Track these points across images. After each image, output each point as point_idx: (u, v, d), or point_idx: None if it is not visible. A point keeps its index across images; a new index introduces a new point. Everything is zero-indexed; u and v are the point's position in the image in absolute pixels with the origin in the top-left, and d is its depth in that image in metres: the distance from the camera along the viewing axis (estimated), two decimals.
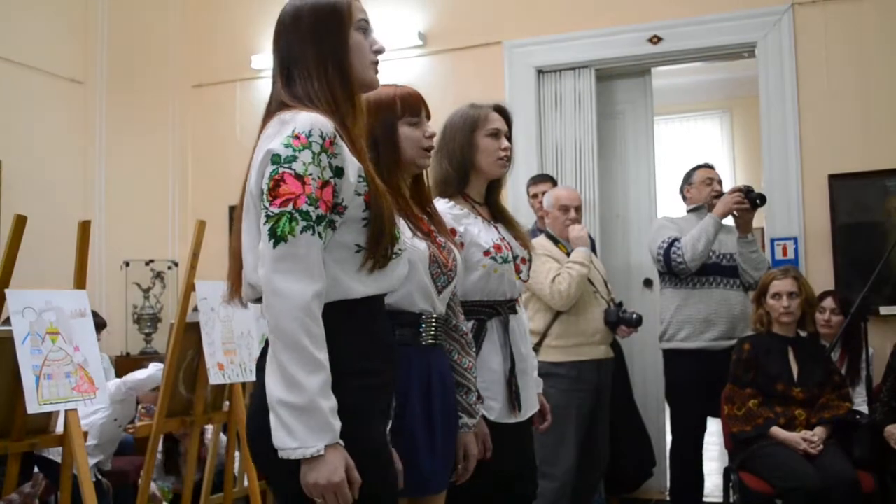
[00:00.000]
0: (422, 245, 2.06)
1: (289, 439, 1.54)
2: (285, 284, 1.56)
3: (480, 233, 2.50)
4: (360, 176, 1.68)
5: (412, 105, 2.15)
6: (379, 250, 1.70)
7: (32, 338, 2.73)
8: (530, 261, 2.65)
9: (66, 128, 5.57)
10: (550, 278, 3.67)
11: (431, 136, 2.18)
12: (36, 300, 2.78)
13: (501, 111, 2.64)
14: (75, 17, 5.64)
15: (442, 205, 2.50)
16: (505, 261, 2.50)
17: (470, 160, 2.55)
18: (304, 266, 1.58)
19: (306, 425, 1.53)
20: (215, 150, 5.95)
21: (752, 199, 4.13)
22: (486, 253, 2.47)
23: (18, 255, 2.70)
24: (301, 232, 1.58)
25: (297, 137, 1.62)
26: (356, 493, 1.59)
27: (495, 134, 2.57)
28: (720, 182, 4.39)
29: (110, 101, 5.77)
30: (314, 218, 1.59)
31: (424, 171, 2.24)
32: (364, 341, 1.71)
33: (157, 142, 6.06)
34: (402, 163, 2.13)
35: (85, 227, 2.97)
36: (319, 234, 1.61)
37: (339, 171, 1.65)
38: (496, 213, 2.64)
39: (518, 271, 2.57)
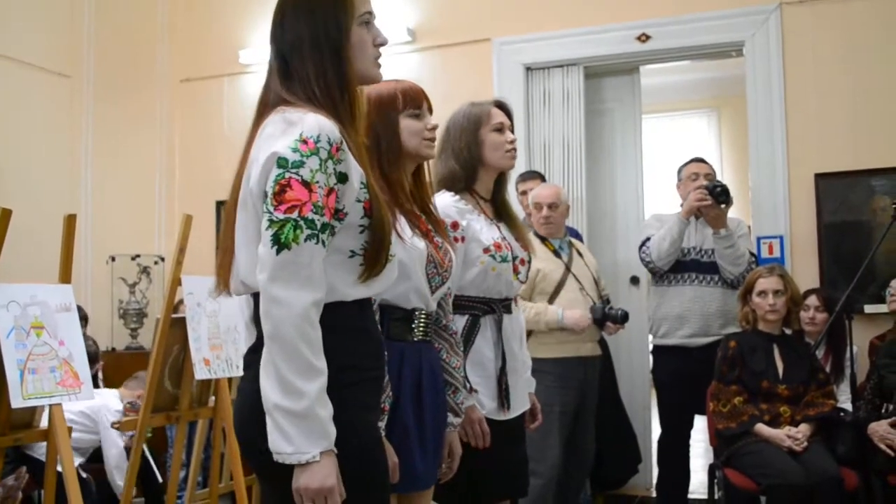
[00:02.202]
0: (420, 244, 2.06)
1: (285, 444, 1.54)
2: (285, 292, 1.55)
3: (482, 229, 2.51)
4: (361, 182, 1.66)
5: (414, 98, 2.15)
6: (379, 260, 1.69)
7: (17, 332, 2.72)
8: (529, 262, 2.66)
9: (52, 121, 5.53)
10: None
11: (434, 128, 2.18)
12: (21, 294, 2.77)
13: (502, 106, 2.66)
14: (62, 11, 5.60)
15: (448, 198, 2.51)
16: (504, 260, 2.51)
17: (478, 156, 2.57)
18: (305, 274, 1.56)
19: (303, 431, 1.53)
20: (202, 145, 5.93)
21: (714, 196, 4.10)
22: (486, 250, 2.48)
23: (3, 249, 2.68)
24: (305, 240, 1.56)
25: (304, 142, 1.58)
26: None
27: (500, 129, 2.59)
28: (708, 176, 4.32)
29: (97, 95, 5.74)
30: (319, 226, 1.57)
31: (426, 167, 2.24)
32: (358, 339, 1.71)
33: (143, 136, 6.03)
34: (404, 154, 2.13)
35: (71, 222, 2.96)
36: (323, 243, 1.59)
37: (342, 178, 1.62)
38: (500, 212, 2.65)
39: (516, 272, 2.58)
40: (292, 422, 1.53)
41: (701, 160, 4.48)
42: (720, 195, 4.09)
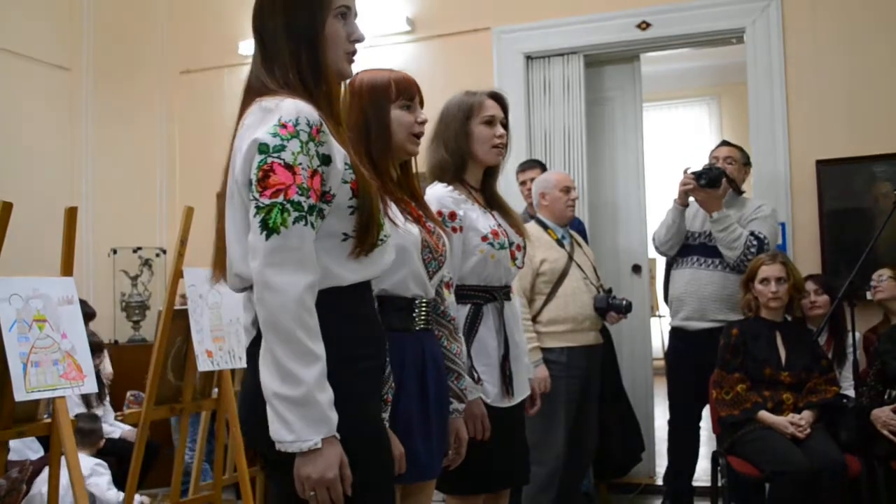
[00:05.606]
0: (414, 230, 2.06)
1: (285, 432, 1.53)
2: (278, 277, 1.54)
3: (478, 218, 2.52)
4: (345, 163, 1.66)
5: (406, 89, 2.15)
6: (368, 238, 1.68)
7: (19, 325, 2.71)
8: (525, 248, 2.67)
9: (52, 114, 5.53)
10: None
11: (423, 123, 2.18)
12: (23, 287, 2.77)
13: (497, 98, 2.64)
14: (61, 3, 5.59)
15: (441, 189, 2.51)
16: (502, 247, 2.52)
17: (465, 148, 2.56)
18: (297, 258, 1.56)
19: (303, 418, 1.52)
20: (203, 137, 5.91)
21: (697, 180, 4.10)
22: (484, 238, 2.49)
23: (4, 243, 2.68)
24: (293, 223, 1.55)
25: (283, 126, 1.59)
26: (348, 489, 1.57)
27: (490, 121, 2.58)
28: (727, 160, 4.30)
29: (97, 87, 5.74)
30: (306, 208, 1.57)
31: (413, 159, 2.24)
32: (357, 327, 1.70)
33: (144, 128, 6.02)
34: (392, 146, 2.13)
35: (72, 214, 2.95)
36: (312, 225, 1.58)
37: (326, 160, 1.62)
38: (491, 201, 2.65)
39: (513, 258, 2.58)
40: (291, 409, 1.52)
41: (725, 143, 4.52)
42: (700, 178, 4.10)
